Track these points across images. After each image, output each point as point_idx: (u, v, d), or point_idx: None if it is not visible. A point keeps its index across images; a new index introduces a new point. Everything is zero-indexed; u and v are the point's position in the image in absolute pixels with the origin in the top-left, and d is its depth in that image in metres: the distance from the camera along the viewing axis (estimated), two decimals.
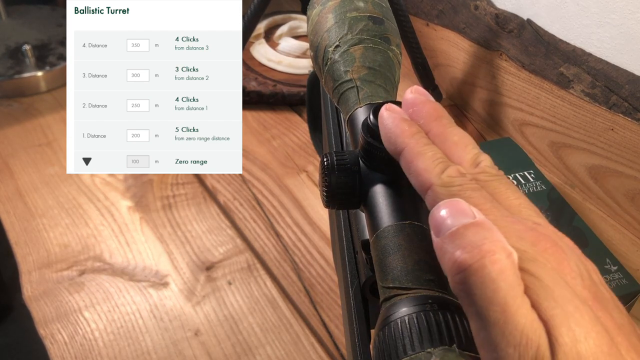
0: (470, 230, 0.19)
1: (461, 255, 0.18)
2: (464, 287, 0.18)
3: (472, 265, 0.18)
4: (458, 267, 0.19)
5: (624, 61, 0.75)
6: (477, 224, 0.19)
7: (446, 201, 0.21)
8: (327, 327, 0.67)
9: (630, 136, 0.74)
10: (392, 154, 0.25)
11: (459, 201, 0.21)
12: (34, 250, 0.74)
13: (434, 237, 0.20)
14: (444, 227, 0.20)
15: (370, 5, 0.35)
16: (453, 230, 0.19)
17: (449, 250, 0.19)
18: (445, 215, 0.20)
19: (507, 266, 0.18)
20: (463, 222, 0.19)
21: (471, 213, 0.20)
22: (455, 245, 0.19)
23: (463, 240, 0.19)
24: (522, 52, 0.86)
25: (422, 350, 0.20)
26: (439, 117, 0.27)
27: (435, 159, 0.24)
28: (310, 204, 0.82)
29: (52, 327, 0.66)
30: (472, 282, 0.18)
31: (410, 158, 0.24)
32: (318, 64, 0.35)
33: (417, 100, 0.27)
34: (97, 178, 0.85)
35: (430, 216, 0.21)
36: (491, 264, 0.18)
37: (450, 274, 0.19)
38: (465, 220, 0.19)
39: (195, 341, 0.65)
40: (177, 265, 0.74)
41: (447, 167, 0.23)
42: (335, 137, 0.44)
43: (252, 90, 0.99)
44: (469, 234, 0.19)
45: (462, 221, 0.19)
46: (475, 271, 0.18)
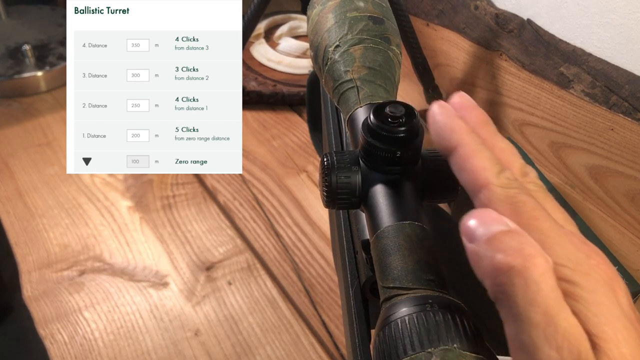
0: (507, 236, 0.19)
1: (503, 258, 0.19)
2: (505, 289, 0.19)
3: (515, 267, 0.18)
4: (500, 269, 0.19)
5: (624, 61, 0.75)
6: (513, 230, 0.20)
7: (478, 209, 0.21)
8: (327, 327, 0.67)
9: (630, 136, 0.74)
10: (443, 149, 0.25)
11: (491, 210, 0.21)
12: (34, 250, 0.74)
13: (467, 244, 0.20)
14: (479, 233, 0.20)
15: (371, 5, 0.35)
16: (490, 235, 0.20)
17: (487, 255, 0.19)
18: (479, 223, 0.20)
19: (547, 270, 0.19)
20: (499, 229, 0.20)
21: (504, 221, 0.20)
22: (494, 249, 0.19)
23: (502, 245, 0.19)
24: (522, 52, 0.86)
25: (422, 350, 0.20)
26: (487, 123, 0.27)
27: (492, 158, 0.23)
28: (310, 204, 0.82)
29: (52, 327, 0.66)
30: (514, 283, 0.18)
31: (467, 155, 0.24)
32: (318, 64, 0.35)
33: (464, 104, 0.27)
34: (97, 178, 0.85)
35: (462, 223, 0.21)
36: (533, 266, 0.18)
37: (490, 277, 0.19)
38: (500, 227, 0.20)
39: (195, 341, 0.65)
40: (177, 265, 0.73)
41: (503, 169, 0.23)
42: (335, 137, 0.44)
43: (252, 90, 0.99)
44: (506, 239, 0.19)
45: (497, 228, 0.20)
46: (518, 273, 0.18)
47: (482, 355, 0.20)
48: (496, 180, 0.22)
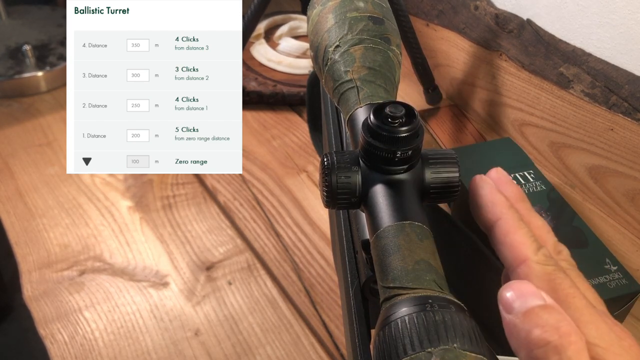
0: (545, 311, 0.20)
1: (540, 334, 0.20)
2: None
3: (551, 342, 0.20)
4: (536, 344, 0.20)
5: (624, 61, 0.75)
6: (550, 306, 0.21)
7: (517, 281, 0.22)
8: (327, 327, 0.67)
9: (630, 136, 0.74)
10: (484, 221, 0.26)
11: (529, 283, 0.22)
12: (34, 250, 0.74)
13: (504, 314, 0.21)
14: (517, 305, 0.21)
15: (371, 5, 0.35)
16: (528, 309, 0.21)
17: (525, 328, 0.20)
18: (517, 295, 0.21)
19: (582, 348, 0.20)
20: (536, 304, 0.21)
21: (541, 296, 0.21)
22: (532, 324, 0.20)
23: (539, 320, 0.20)
24: (522, 52, 0.86)
25: (422, 350, 0.20)
26: (524, 200, 0.28)
27: (530, 235, 0.25)
28: (310, 204, 0.82)
29: (52, 327, 0.66)
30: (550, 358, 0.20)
31: (508, 229, 0.25)
32: (318, 64, 0.35)
33: (502, 179, 0.28)
34: (97, 178, 0.85)
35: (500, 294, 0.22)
36: (569, 344, 0.20)
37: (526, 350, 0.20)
38: (537, 302, 0.21)
39: (195, 341, 0.65)
40: (177, 265, 0.74)
41: (541, 246, 0.24)
42: (335, 137, 0.44)
43: (252, 90, 0.99)
44: (544, 314, 0.20)
45: (534, 302, 0.21)
46: (554, 349, 0.20)
47: (482, 355, 0.20)
48: (535, 257, 0.24)
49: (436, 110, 1.01)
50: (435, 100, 1.01)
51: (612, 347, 0.21)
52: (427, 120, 0.98)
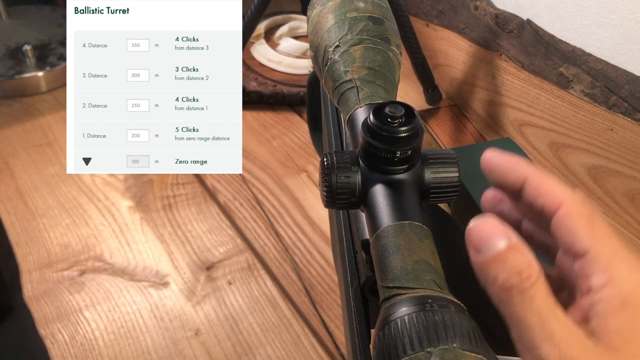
0: (510, 254, 0.22)
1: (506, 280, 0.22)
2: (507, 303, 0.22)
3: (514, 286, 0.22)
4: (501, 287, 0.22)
5: (624, 61, 0.75)
6: (514, 247, 0.23)
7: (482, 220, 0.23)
8: (327, 327, 0.67)
9: (629, 136, 0.74)
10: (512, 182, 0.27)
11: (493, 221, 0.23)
12: (34, 250, 0.74)
13: (474, 256, 0.23)
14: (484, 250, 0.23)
15: (370, 5, 0.35)
16: (494, 254, 0.23)
17: (491, 273, 0.23)
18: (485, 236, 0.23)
19: (541, 285, 0.22)
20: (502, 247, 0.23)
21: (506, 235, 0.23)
22: (498, 269, 0.22)
23: (505, 265, 0.22)
24: (522, 53, 0.86)
25: (422, 350, 0.20)
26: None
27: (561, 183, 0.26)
28: (310, 204, 0.82)
29: (52, 326, 0.66)
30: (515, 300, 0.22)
31: (539, 181, 0.27)
32: (318, 64, 0.35)
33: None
34: (97, 178, 0.85)
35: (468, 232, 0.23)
36: (530, 286, 0.22)
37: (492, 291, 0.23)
38: (502, 243, 0.23)
39: (196, 341, 0.66)
40: (178, 265, 0.74)
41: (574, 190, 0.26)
42: (335, 137, 0.44)
43: (252, 91, 0.99)
44: (509, 258, 0.22)
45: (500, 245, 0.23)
46: (518, 292, 0.22)
47: (482, 355, 0.20)
48: (571, 199, 0.26)
49: (436, 110, 1.01)
50: (435, 100, 1.01)
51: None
52: (427, 120, 0.98)
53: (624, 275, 0.23)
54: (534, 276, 0.22)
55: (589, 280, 0.24)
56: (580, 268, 0.24)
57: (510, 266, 0.22)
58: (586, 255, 0.24)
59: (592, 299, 0.23)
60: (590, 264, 0.24)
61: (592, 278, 0.24)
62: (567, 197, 0.26)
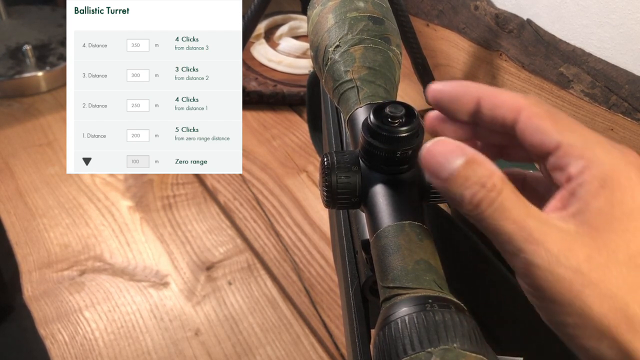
0: (469, 169, 0.22)
1: (471, 196, 0.22)
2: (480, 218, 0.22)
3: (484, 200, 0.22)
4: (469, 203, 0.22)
5: (624, 61, 0.75)
6: (471, 161, 0.22)
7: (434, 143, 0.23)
8: (327, 327, 0.67)
9: (630, 136, 0.74)
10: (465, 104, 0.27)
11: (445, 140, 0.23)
12: (34, 250, 0.74)
13: (434, 181, 0.23)
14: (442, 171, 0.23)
15: (371, 5, 0.35)
16: (452, 173, 0.22)
17: (456, 193, 0.23)
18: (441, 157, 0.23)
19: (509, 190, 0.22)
20: (458, 164, 0.22)
21: (461, 151, 0.23)
22: (461, 187, 0.22)
23: (466, 181, 0.22)
24: (522, 52, 0.86)
25: (422, 350, 0.20)
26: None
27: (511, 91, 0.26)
28: (310, 204, 0.82)
29: (52, 327, 0.66)
30: (487, 213, 0.22)
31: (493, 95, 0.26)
32: (318, 64, 0.35)
33: None
34: (97, 178, 0.85)
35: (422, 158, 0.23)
36: (497, 195, 0.22)
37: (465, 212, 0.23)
38: (458, 160, 0.22)
39: (196, 341, 0.65)
40: (178, 265, 0.74)
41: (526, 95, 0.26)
42: (335, 137, 0.44)
43: (252, 90, 0.99)
44: (468, 173, 0.22)
45: (456, 163, 0.22)
46: (488, 205, 0.22)
47: (482, 355, 0.20)
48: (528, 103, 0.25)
49: None
50: None
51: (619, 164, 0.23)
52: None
53: (600, 157, 0.23)
54: (498, 184, 0.22)
55: (567, 170, 0.24)
56: (556, 162, 0.24)
57: (473, 181, 0.22)
58: (559, 148, 0.24)
59: (572, 186, 0.23)
60: (565, 155, 0.24)
61: (570, 167, 0.24)
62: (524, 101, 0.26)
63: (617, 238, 0.22)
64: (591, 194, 0.23)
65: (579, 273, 0.22)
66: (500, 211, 0.22)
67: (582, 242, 0.22)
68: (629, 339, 0.21)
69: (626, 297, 0.21)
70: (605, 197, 0.23)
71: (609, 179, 0.23)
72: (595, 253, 0.22)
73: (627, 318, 0.21)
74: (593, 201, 0.23)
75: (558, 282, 0.22)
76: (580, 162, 0.23)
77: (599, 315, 0.21)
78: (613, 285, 0.22)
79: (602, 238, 0.22)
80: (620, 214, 0.22)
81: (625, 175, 0.23)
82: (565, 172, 0.24)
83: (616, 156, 0.23)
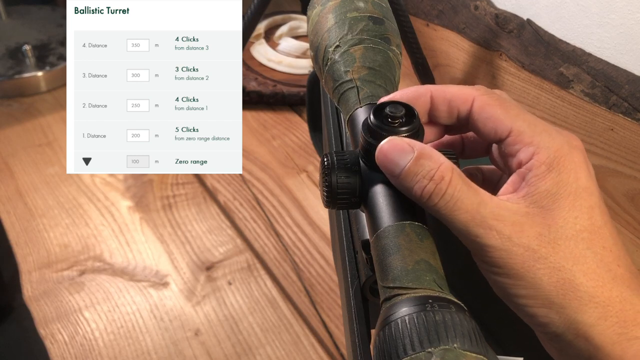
0: (417, 165, 0.24)
1: (421, 190, 0.24)
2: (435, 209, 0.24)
3: (435, 192, 0.24)
4: (422, 196, 0.24)
5: (624, 61, 0.75)
6: (420, 156, 0.24)
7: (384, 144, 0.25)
8: (327, 327, 0.67)
9: (630, 136, 0.74)
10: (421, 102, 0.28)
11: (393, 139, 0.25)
12: (34, 250, 0.74)
13: (389, 178, 0.25)
14: (396, 168, 0.24)
15: (371, 5, 0.35)
16: (403, 170, 0.24)
17: (409, 186, 0.24)
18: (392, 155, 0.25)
19: (458, 180, 0.24)
20: (407, 160, 0.24)
21: (409, 148, 0.24)
22: (412, 182, 0.24)
23: (415, 176, 0.24)
24: (522, 52, 0.86)
25: (423, 350, 0.20)
26: None
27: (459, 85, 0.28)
28: (310, 204, 0.82)
29: (52, 327, 0.66)
30: (440, 204, 0.24)
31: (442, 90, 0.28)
32: (318, 64, 0.35)
33: None
34: (97, 178, 0.85)
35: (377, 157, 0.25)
36: (447, 185, 0.24)
37: (422, 205, 0.25)
38: (407, 157, 0.24)
39: (195, 341, 0.65)
40: (177, 265, 0.74)
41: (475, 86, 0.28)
42: (335, 137, 0.44)
43: (252, 90, 0.99)
44: (417, 169, 0.24)
45: (405, 159, 0.24)
46: (439, 196, 0.24)
47: (482, 355, 0.20)
48: (479, 93, 0.27)
49: None
50: None
51: (564, 148, 0.25)
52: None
53: (546, 143, 0.25)
54: (447, 175, 0.24)
55: (518, 157, 0.26)
56: (508, 148, 0.26)
57: (421, 175, 0.24)
58: (510, 135, 0.26)
59: (522, 171, 0.25)
60: (515, 142, 0.26)
61: (520, 153, 0.26)
62: (474, 91, 0.27)
63: (565, 215, 0.24)
64: (539, 177, 0.25)
65: (530, 249, 0.24)
66: (453, 202, 0.24)
67: (532, 221, 0.24)
68: (574, 305, 0.23)
69: (573, 268, 0.23)
70: (552, 179, 0.24)
71: (555, 162, 0.25)
72: (545, 230, 0.24)
73: (573, 287, 0.23)
74: (541, 183, 0.24)
75: (511, 259, 0.24)
76: (530, 149, 0.25)
77: (548, 285, 0.23)
78: (561, 258, 0.24)
79: (551, 216, 0.24)
80: (566, 194, 0.24)
81: (569, 159, 0.25)
82: (517, 158, 0.26)
83: (561, 141, 0.25)
